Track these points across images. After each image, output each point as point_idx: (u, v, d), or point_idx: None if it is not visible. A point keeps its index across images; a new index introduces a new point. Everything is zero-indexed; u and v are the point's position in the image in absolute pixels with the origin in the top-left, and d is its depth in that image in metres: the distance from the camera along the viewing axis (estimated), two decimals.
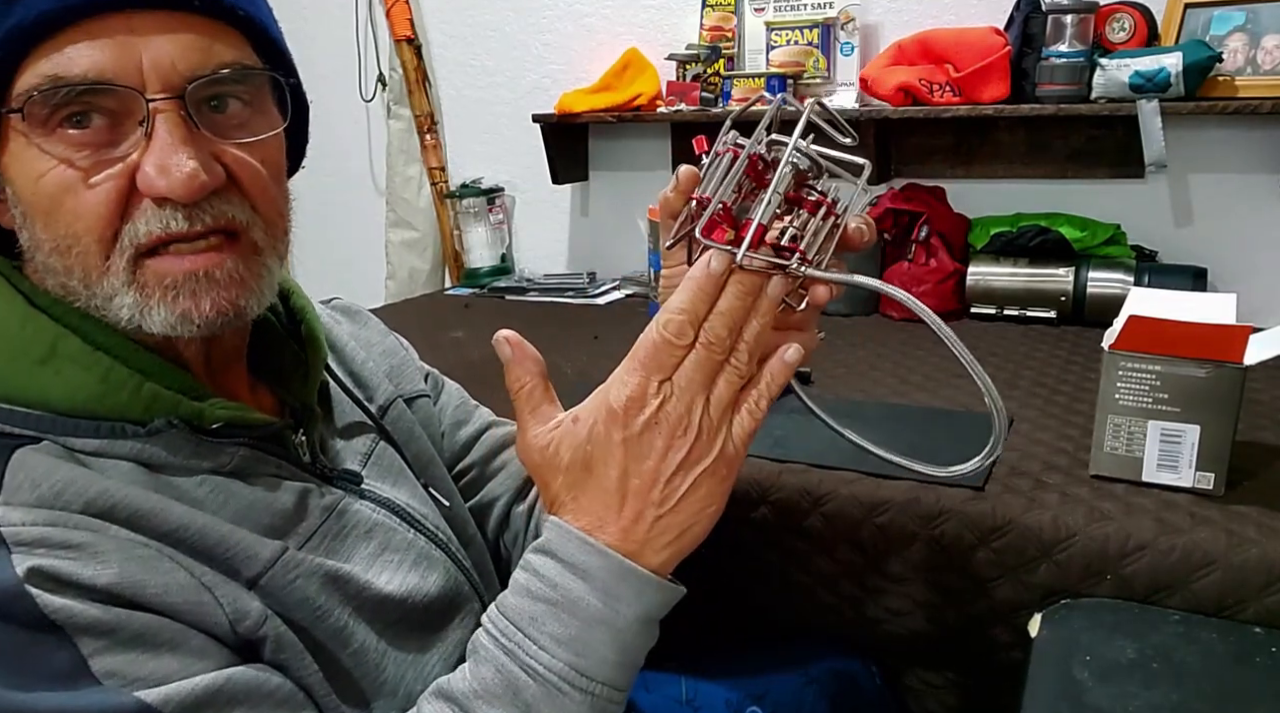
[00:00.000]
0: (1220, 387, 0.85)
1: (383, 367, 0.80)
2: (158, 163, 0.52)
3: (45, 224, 0.53)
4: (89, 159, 0.52)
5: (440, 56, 2.28)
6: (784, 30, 1.81)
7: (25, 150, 0.52)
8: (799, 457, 1.01)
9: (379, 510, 0.67)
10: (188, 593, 0.51)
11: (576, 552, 0.53)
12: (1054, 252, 1.60)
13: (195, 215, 0.53)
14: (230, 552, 0.54)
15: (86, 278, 0.54)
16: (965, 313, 1.66)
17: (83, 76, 0.50)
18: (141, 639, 0.48)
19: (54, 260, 0.54)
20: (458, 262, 2.33)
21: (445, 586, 0.69)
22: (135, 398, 0.55)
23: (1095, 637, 0.76)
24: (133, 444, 0.54)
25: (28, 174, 0.52)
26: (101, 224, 0.52)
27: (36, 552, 0.47)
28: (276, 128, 0.59)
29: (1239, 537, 0.81)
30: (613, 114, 1.90)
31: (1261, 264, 1.59)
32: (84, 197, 0.52)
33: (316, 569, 0.59)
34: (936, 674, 1.00)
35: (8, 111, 0.51)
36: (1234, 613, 0.78)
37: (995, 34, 1.63)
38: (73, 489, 0.50)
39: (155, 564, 0.50)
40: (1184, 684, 0.70)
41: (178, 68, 0.52)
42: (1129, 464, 0.91)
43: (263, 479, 0.60)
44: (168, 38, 0.52)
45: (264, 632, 0.54)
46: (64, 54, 0.50)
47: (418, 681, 0.64)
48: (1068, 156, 1.69)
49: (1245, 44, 1.48)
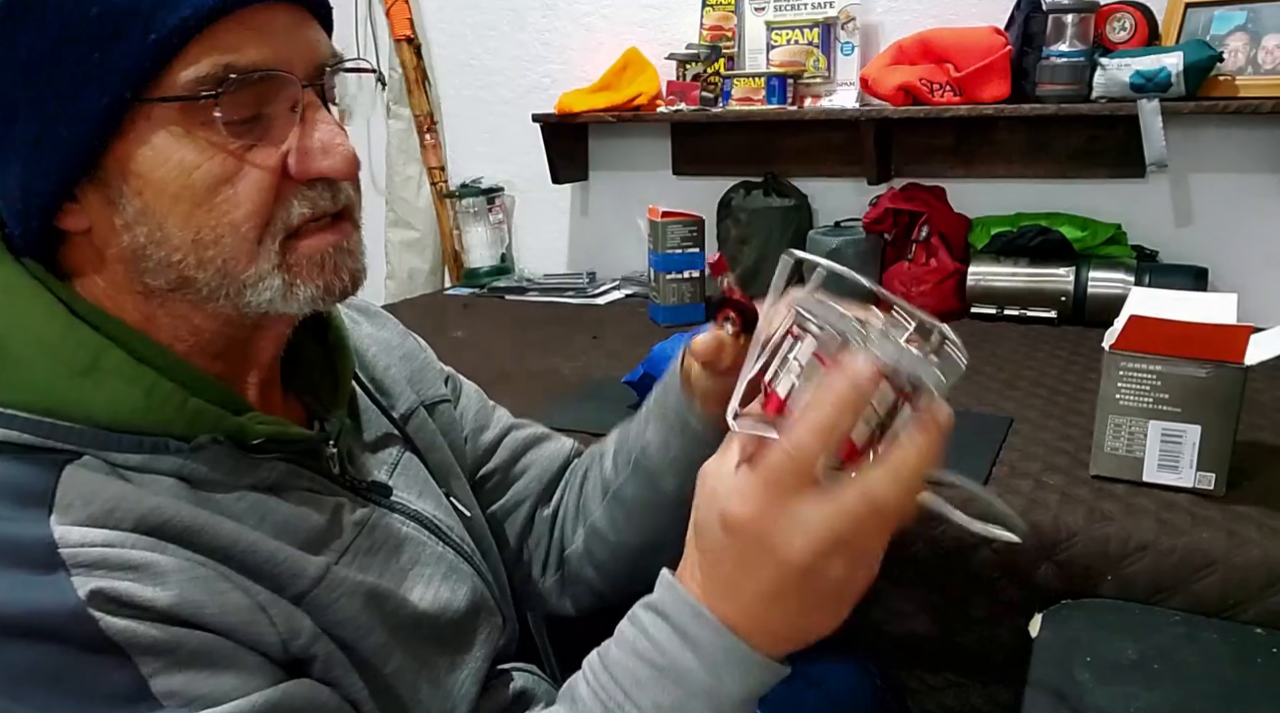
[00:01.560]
0: (1221, 387, 0.84)
1: (404, 372, 0.79)
2: (324, 143, 0.54)
3: (188, 216, 0.52)
4: (243, 146, 0.53)
5: (440, 56, 2.28)
6: (784, 30, 1.81)
7: (176, 142, 0.51)
8: None
9: (408, 524, 0.67)
10: (243, 613, 0.51)
11: (690, 621, 0.49)
12: (1054, 252, 1.60)
13: (336, 194, 0.57)
14: (278, 569, 0.54)
15: (229, 267, 0.54)
16: (965, 313, 1.66)
17: (254, 64, 0.52)
18: (199, 659, 0.48)
19: (186, 253, 0.53)
20: (457, 261, 2.33)
21: (472, 599, 0.69)
22: (180, 413, 0.54)
23: (1096, 637, 0.76)
24: (175, 460, 0.54)
25: (176, 166, 0.52)
26: (264, 209, 0.54)
27: (96, 573, 0.47)
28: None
29: (1240, 537, 0.81)
30: (613, 114, 1.90)
31: (1261, 264, 1.59)
32: (242, 184, 0.53)
33: (358, 587, 0.59)
34: (936, 675, 1.00)
35: (169, 100, 0.51)
36: (1235, 613, 0.78)
37: (996, 33, 1.63)
38: (124, 507, 0.50)
39: (212, 585, 0.50)
40: (1185, 685, 0.70)
41: (315, 58, 0.55)
42: (1129, 464, 0.90)
43: (297, 494, 0.60)
44: (303, 29, 0.55)
45: (314, 650, 0.54)
46: (234, 45, 0.51)
47: (449, 699, 0.64)
48: (1068, 156, 1.69)
49: (1246, 44, 1.48)
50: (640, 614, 0.52)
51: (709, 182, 1.97)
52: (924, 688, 1.01)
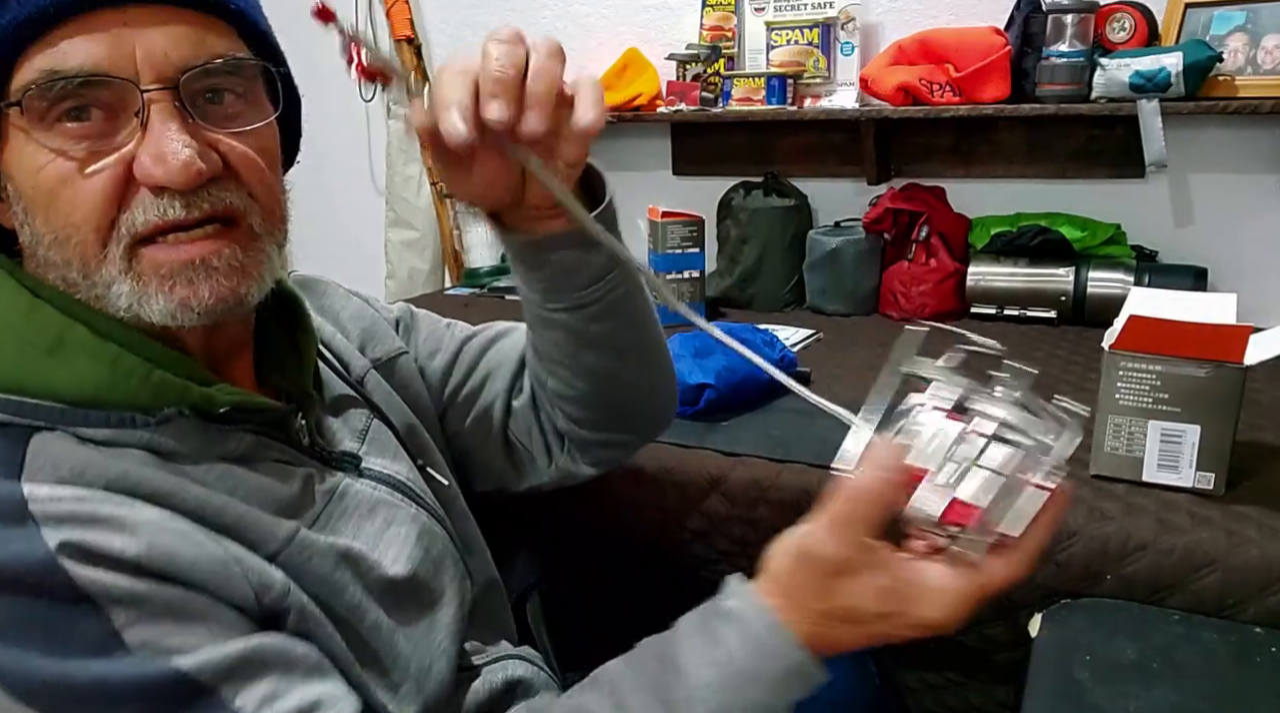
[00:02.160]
0: (1220, 387, 0.84)
1: (354, 335, 0.79)
2: (155, 151, 0.52)
3: (44, 217, 0.54)
4: (85, 150, 0.52)
5: (440, 56, 2.27)
6: (784, 30, 1.81)
7: (25, 146, 0.53)
8: (799, 457, 1.01)
9: (379, 488, 0.68)
10: (215, 565, 0.52)
11: (765, 633, 0.53)
12: (1054, 252, 1.60)
13: (192, 203, 0.54)
14: (249, 530, 0.55)
15: (85, 268, 0.54)
16: (965, 313, 1.66)
17: (78, 69, 0.51)
18: (171, 610, 0.49)
19: (53, 253, 0.54)
20: (457, 261, 2.33)
21: (444, 558, 0.70)
22: (144, 385, 0.55)
23: (1095, 637, 0.76)
24: (142, 433, 0.55)
25: (27, 169, 0.53)
26: (98, 213, 0.53)
27: (65, 526, 0.48)
28: (269, 117, 0.60)
29: (1239, 537, 0.81)
30: (613, 114, 1.90)
31: (1261, 264, 1.59)
32: (81, 187, 0.53)
33: (329, 549, 0.60)
34: (936, 674, 1.00)
35: (6, 106, 0.52)
36: (1234, 613, 0.78)
37: (995, 34, 1.63)
38: (93, 470, 0.51)
39: (184, 538, 0.51)
40: (1184, 684, 0.70)
41: (171, 59, 0.53)
42: (1129, 464, 0.90)
43: (266, 464, 0.60)
44: (161, 30, 0.53)
45: (287, 603, 0.55)
46: (59, 48, 0.51)
47: (428, 654, 0.66)
48: (1068, 156, 1.69)
49: (1245, 44, 1.48)
50: (716, 625, 0.55)
51: (709, 181, 1.97)
52: (924, 688, 1.01)
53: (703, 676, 0.53)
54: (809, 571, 0.53)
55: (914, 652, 0.99)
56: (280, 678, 0.52)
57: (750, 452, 1.04)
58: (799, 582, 0.53)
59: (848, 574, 0.52)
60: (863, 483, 0.51)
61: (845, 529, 0.52)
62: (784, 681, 0.53)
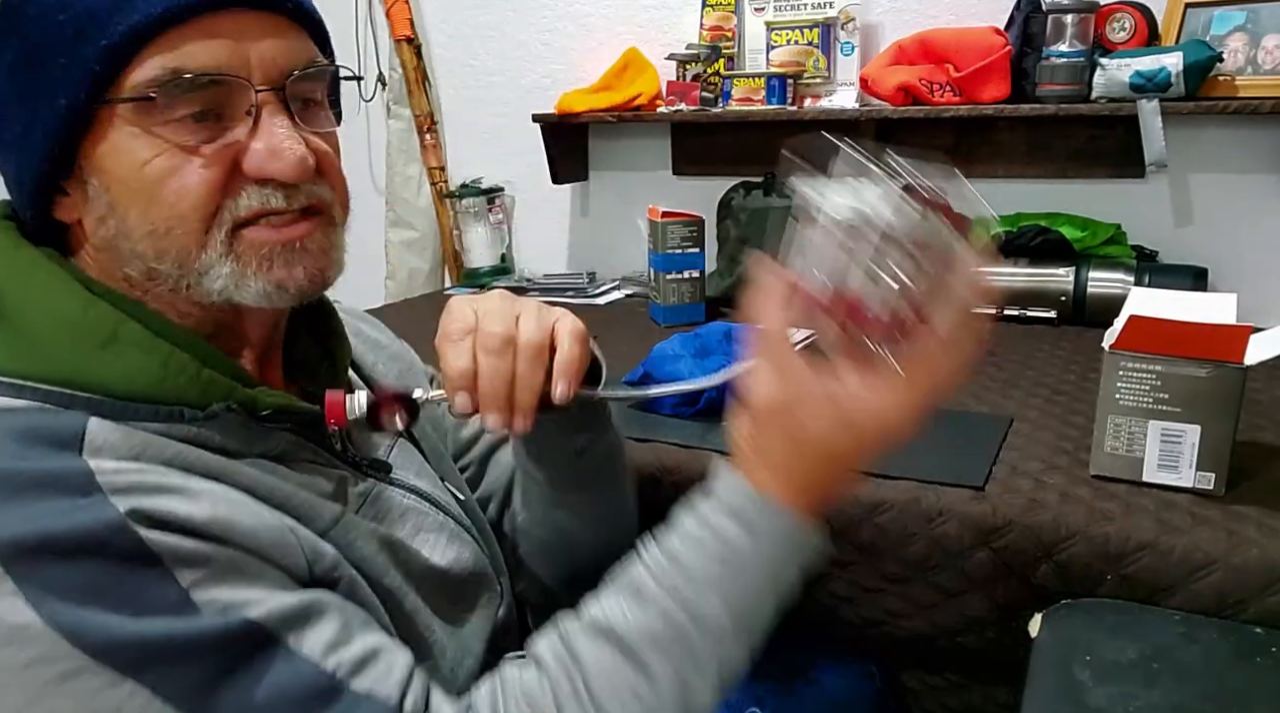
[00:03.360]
0: (1221, 387, 0.84)
1: (392, 371, 0.83)
2: (270, 147, 0.57)
3: (145, 209, 0.56)
4: (198, 143, 0.56)
5: (440, 56, 2.27)
6: (784, 30, 1.81)
7: (131, 140, 0.55)
8: None
9: (409, 496, 0.71)
10: (273, 533, 0.55)
11: (756, 516, 0.57)
12: (1054, 252, 1.60)
13: (292, 195, 0.59)
14: (300, 508, 0.59)
15: (182, 257, 0.57)
16: None
17: (202, 68, 0.55)
18: (235, 568, 0.52)
19: (146, 245, 0.57)
20: (457, 261, 2.33)
21: (475, 563, 0.73)
22: (194, 382, 0.57)
23: (1095, 637, 0.76)
24: (189, 428, 0.56)
25: (131, 162, 0.55)
26: (208, 200, 0.56)
27: (133, 495, 0.50)
28: (337, 120, 0.65)
29: (1239, 537, 0.81)
30: (613, 114, 1.90)
31: (1262, 264, 1.59)
32: (190, 177, 0.56)
33: (372, 533, 0.64)
34: (936, 675, 1.00)
35: (123, 100, 0.54)
36: (1234, 613, 0.78)
37: (995, 34, 1.62)
38: (152, 449, 0.54)
39: (244, 506, 0.54)
40: (1184, 685, 0.70)
41: (279, 64, 0.57)
42: (1129, 464, 0.90)
43: (303, 464, 0.63)
44: (269, 37, 0.57)
45: (338, 574, 0.58)
46: (182, 50, 0.54)
47: (461, 646, 0.68)
48: (1068, 157, 1.69)
49: (1246, 44, 1.48)
50: (707, 514, 0.58)
51: (709, 181, 1.97)
52: (924, 689, 1.01)
53: (706, 570, 0.56)
54: (763, 421, 0.56)
55: (914, 653, 1.00)
56: (342, 627, 0.54)
57: None
58: (764, 438, 0.57)
59: (794, 407, 0.55)
60: (764, 322, 0.56)
61: (771, 370, 0.55)
62: (780, 552, 0.57)
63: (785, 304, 0.55)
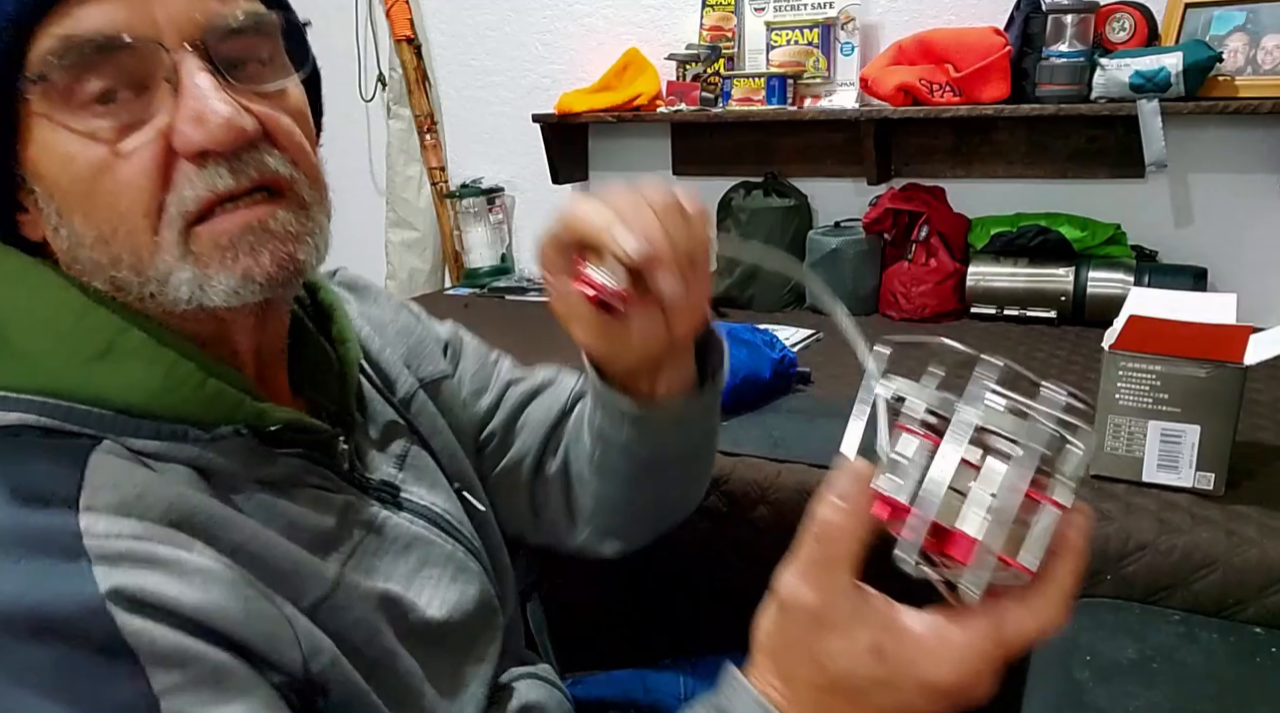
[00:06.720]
0: (1220, 387, 0.84)
1: (400, 351, 0.76)
2: (192, 114, 0.49)
3: (84, 214, 0.50)
4: (116, 127, 0.49)
5: (440, 56, 2.28)
6: (784, 30, 1.81)
7: (51, 135, 0.49)
8: (799, 457, 1.01)
9: (417, 522, 0.66)
10: (269, 624, 0.49)
11: None
12: (1054, 252, 1.60)
13: (238, 169, 0.51)
14: (295, 572, 0.53)
15: (137, 262, 0.51)
16: (965, 313, 1.66)
17: (96, 32, 0.47)
18: (214, 680, 0.46)
19: (98, 253, 0.51)
20: (458, 262, 2.33)
21: (480, 599, 0.68)
22: (197, 395, 0.52)
23: (1095, 637, 0.76)
24: (192, 449, 0.52)
25: (57, 161, 0.49)
26: (144, 196, 0.49)
27: (120, 566, 0.45)
28: (296, 77, 0.57)
29: (1239, 537, 0.81)
30: (613, 114, 1.90)
31: (1261, 264, 1.59)
32: (120, 171, 0.49)
33: (370, 592, 0.58)
34: None
35: (27, 82, 0.48)
36: (1234, 613, 0.78)
37: (995, 34, 1.62)
38: (151, 493, 0.48)
39: (239, 590, 0.48)
40: (1184, 684, 0.70)
41: (195, 19, 0.49)
42: (1129, 464, 0.91)
43: (305, 492, 0.58)
44: None
45: (333, 674, 0.52)
46: (74, 15, 0.47)
47: (457, 705, 0.64)
48: (1068, 157, 1.69)
49: (1245, 44, 1.48)
50: None
51: (709, 182, 1.98)
52: None
53: None
54: (791, 625, 0.46)
55: None
56: None
57: (750, 452, 1.04)
58: (785, 643, 0.46)
59: (830, 629, 0.44)
60: (830, 519, 0.45)
61: (818, 573, 0.45)
62: None
63: (857, 501, 0.44)
